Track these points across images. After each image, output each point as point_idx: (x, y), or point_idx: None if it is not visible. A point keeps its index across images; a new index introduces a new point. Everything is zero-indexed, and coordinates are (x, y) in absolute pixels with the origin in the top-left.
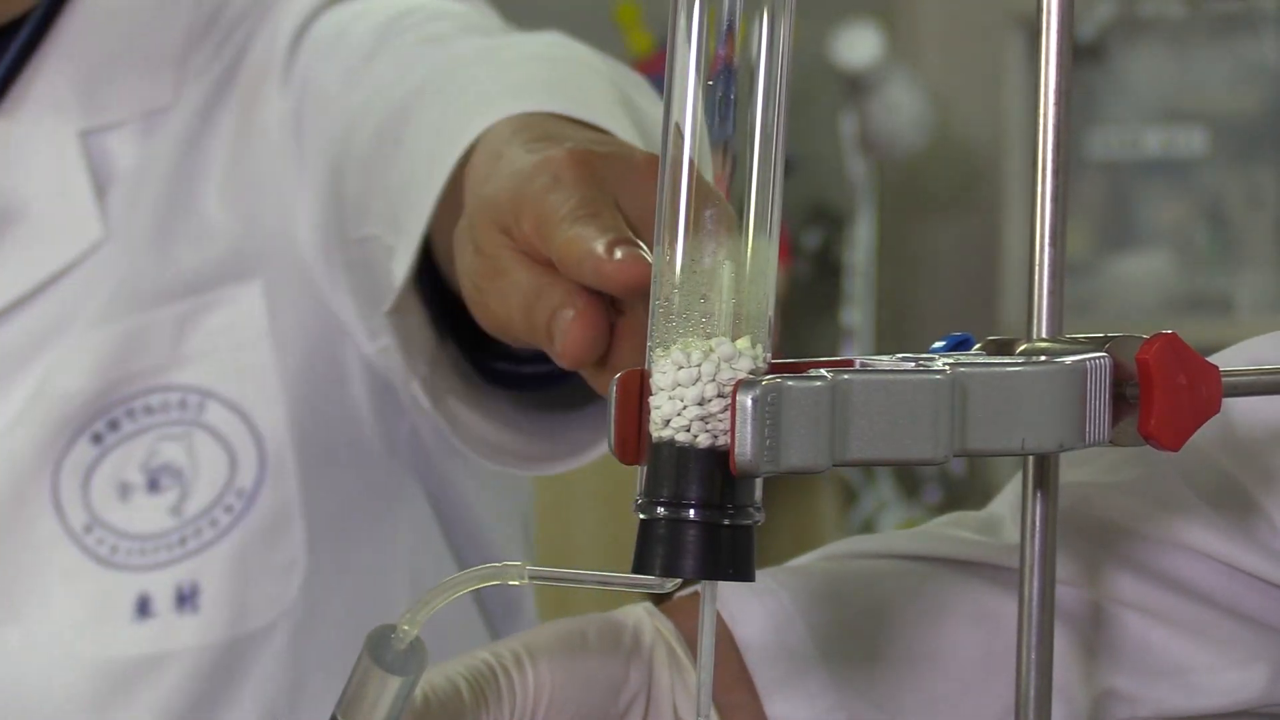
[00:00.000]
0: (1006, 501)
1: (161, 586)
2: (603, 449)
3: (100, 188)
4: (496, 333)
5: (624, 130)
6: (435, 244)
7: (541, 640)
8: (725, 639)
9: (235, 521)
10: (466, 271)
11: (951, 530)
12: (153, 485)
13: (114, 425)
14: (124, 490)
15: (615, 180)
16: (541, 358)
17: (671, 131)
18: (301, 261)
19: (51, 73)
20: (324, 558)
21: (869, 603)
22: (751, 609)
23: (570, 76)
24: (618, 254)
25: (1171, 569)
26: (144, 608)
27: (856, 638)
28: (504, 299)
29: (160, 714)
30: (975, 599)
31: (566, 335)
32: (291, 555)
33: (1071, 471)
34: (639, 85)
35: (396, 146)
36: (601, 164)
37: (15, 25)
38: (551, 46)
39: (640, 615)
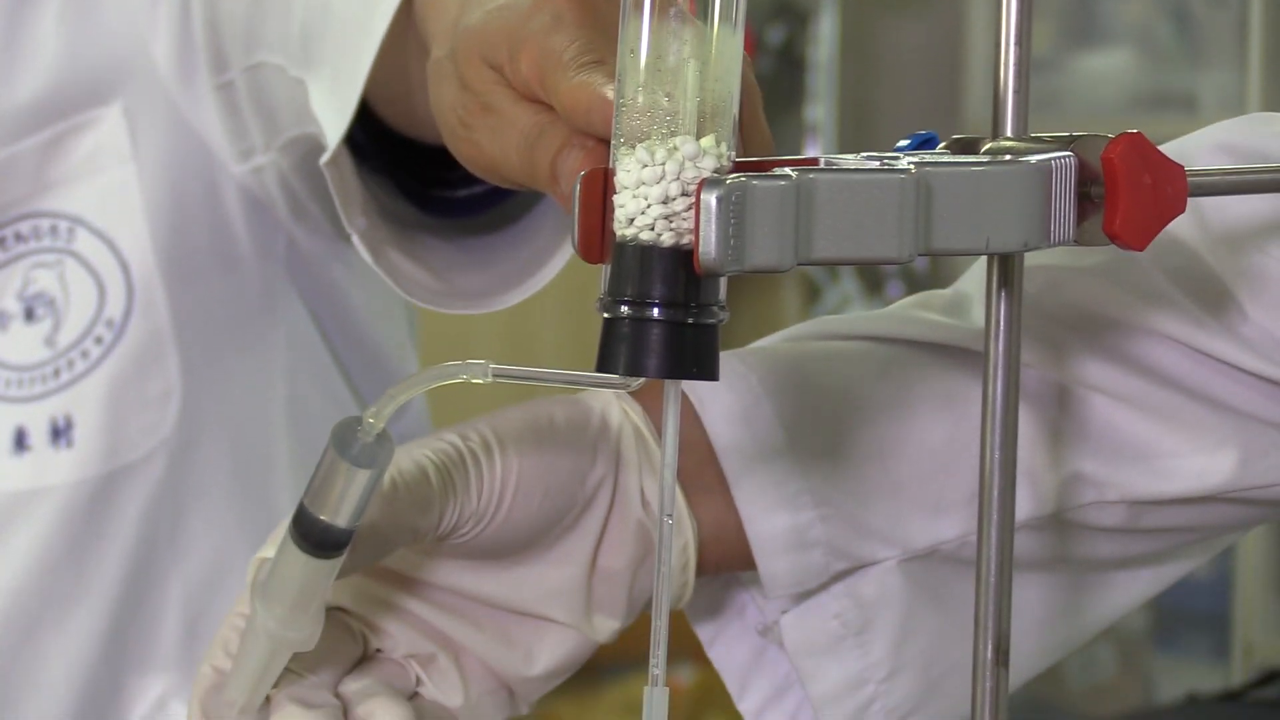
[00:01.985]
0: (974, 279)
1: (37, 419)
2: (541, 277)
3: None
4: (483, 172)
5: None
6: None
7: (510, 425)
8: (693, 422)
9: (106, 353)
10: (450, 107)
11: (918, 312)
12: (29, 314)
13: None
14: (3, 320)
15: (617, 21)
16: (471, 180)
17: None
18: (161, 83)
19: None
20: (200, 384)
21: (836, 385)
22: (719, 392)
23: None
24: None
25: (1139, 353)
26: (20, 441)
27: (823, 421)
28: (498, 137)
29: (37, 548)
30: (942, 382)
31: (575, 178)
32: (166, 384)
33: (1039, 255)
34: None
35: None
36: (604, 4)
37: None
38: None
39: (608, 398)
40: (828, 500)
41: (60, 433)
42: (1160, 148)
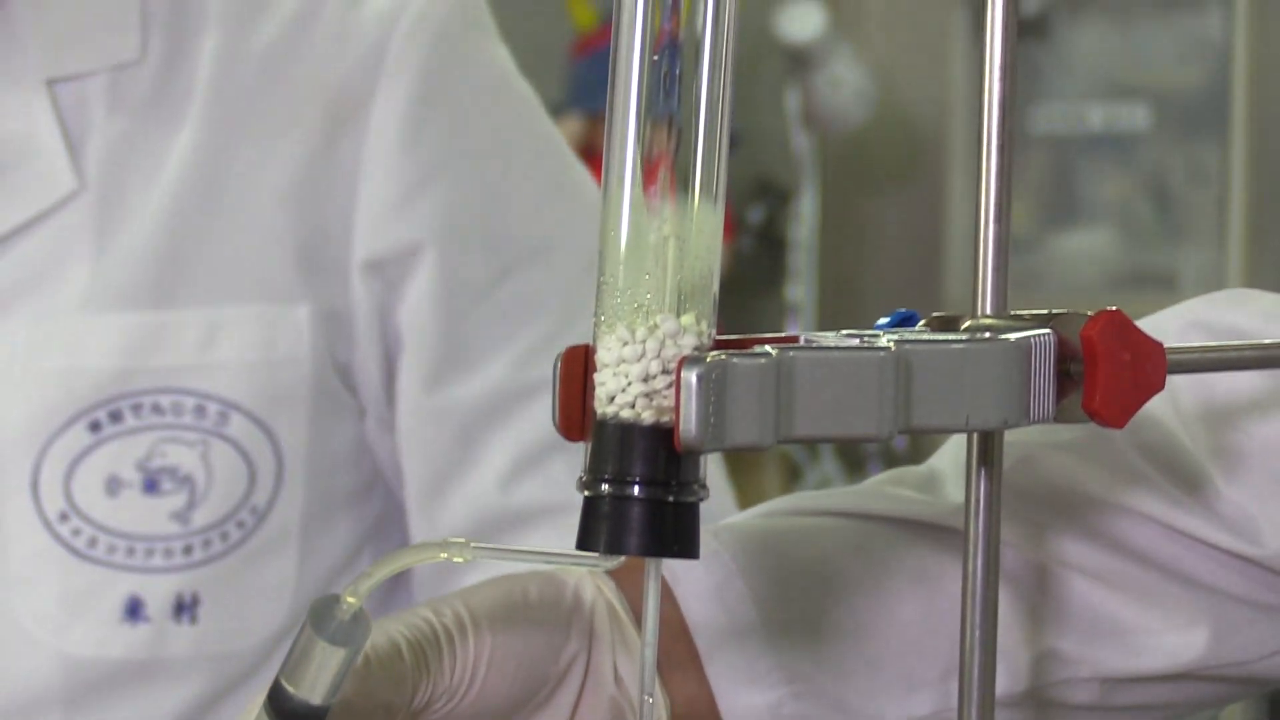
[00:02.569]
0: (948, 456)
1: (157, 592)
2: None
3: (76, 138)
4: None
5: None
6: None
7: (483, 601)
8: (667, 597)
9: (245, 537)
10: None
11: (892, 489)
12: (150, 486)
13: (116, 417)
14: (112, 485)
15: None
16: None
17: (616, 105)
18: (354, 292)
19: (14, 19)
20: (308, 578)
21: (810, 562)
22: (692, 568)
23: None
24: None
25: (1113, 531)
26: (134, 610)
27: (797, 597)
28: None
29: None
30: (916, 559)
31: None
32: (283, 576)
33: (1013, 432)
34: None
35: None
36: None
37: None
38: None
39: (581, 572)
40: (801, 677)
41: (185, 608)
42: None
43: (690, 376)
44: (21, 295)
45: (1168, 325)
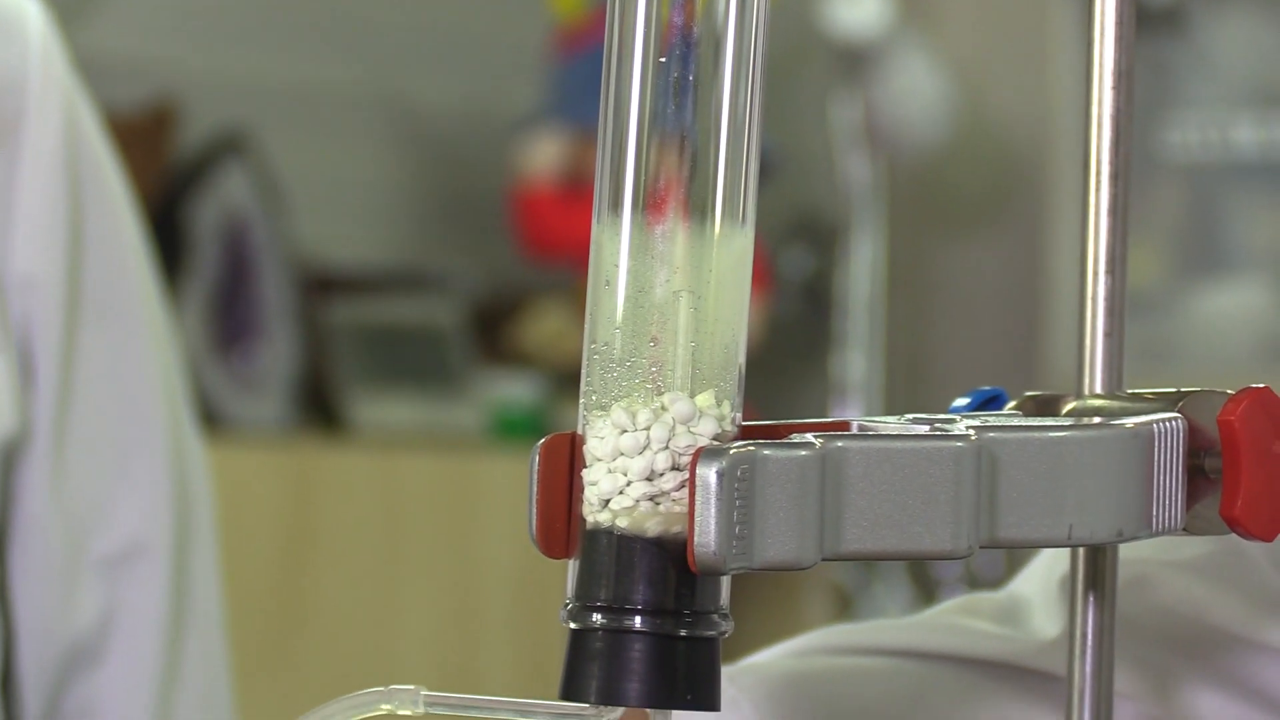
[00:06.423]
0: (1035, 581)
1: None
2: None
3: None
4: None
5: None
6: None
7: None
8: None
9: None
10: None
11: (961, 620)
12: None
13: None
14: None
15: None
16: None
17: (611, 120)
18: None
19: None
20: None
21: (853, 714)
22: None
23: None
24: None
25: (1250, 675)
26: None
27: None
28: None
29: None
30: (992, 710)
31: None
32: None
33: (1126, 546)
34: None
35: None
36: None
37: None
38: None
39: None
40: None
41: None
42: None
43: (708, 474)
44: None
45: None
